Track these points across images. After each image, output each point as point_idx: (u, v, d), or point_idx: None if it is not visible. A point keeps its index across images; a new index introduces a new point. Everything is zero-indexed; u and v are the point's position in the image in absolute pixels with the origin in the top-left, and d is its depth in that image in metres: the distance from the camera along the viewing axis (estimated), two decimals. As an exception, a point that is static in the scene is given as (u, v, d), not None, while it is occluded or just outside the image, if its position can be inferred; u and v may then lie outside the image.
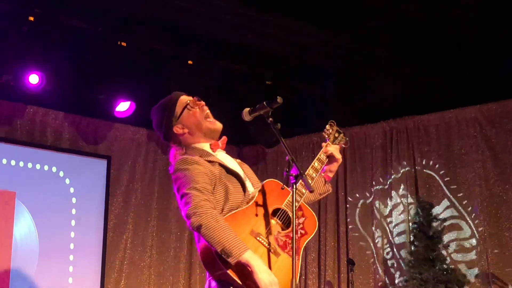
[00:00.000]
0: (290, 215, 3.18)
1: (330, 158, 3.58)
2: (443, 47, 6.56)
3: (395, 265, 7.34)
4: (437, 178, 7.20)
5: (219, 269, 2.99)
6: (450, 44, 6.49)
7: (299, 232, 3.29)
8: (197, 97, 3.44)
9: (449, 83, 6.99)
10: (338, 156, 3.59)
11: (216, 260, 2.97)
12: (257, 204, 3.21)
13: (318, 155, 3.54)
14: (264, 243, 3.12)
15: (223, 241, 2.93)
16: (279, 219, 3.23)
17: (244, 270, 2.95)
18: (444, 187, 7.16)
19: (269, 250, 3.11)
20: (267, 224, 3.18)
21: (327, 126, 3.73)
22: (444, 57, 6.69)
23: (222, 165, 3.28)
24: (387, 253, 7.44)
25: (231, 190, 3.22)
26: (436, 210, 7.07)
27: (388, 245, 7.46)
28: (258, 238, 3.11)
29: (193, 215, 3.00)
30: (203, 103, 3.43)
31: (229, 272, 2.95)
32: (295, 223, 3.12)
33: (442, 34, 6.43)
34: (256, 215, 3.18)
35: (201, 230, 2.97)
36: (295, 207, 3.13)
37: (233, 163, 3.42)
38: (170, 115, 3.38)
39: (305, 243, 3.34)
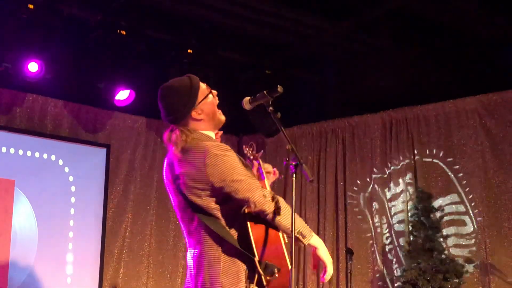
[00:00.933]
0: None
1: (268, 172, 3.79)
2: (443, 37, 6.56)
3: (394, 255, 7.35)
4: (446, 169, 7.20)
5: (277, 251, 3.13)
6: (450, 34, 6.50)
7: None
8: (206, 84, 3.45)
9: (448, 73, 6.98)
10: (277, 171, 3.90)
11: (276, 244, 3.15)
12: None
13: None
14: (281, 238, 3.22)
15: (298, 224, 3.11)
16: None
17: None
18: (454, 178, 7.16)
19: (285, 244, 3.22)
20: None
21: (247, 148, 3.88)
22: (444, 47, 6.69)
23: (239, 157, 3.29)
24: (386, 243, 7.46)
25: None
26: (438, 200, 7.08)
27: (387, 235, 7.47)
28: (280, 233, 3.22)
29: (269, 200, 3.11)
30: (216, 92, 3.44)
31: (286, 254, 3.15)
32: None
33: (442, 24, 6.43)
34: None
35: (277, 216, 3.10)
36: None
37: None
38: (193, 99, 3.31)
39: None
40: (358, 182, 7.80)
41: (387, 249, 7.44)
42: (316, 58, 7.51)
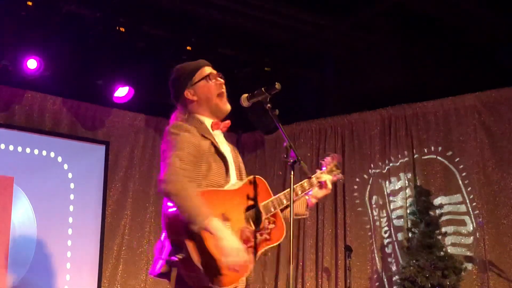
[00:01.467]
0: (263, 218, 3.26)
1: (321, 185, 3.62)
2: (442, 34, 6.55)
3: (392, 251, 7.36)
4: (445, 166, 7.20)
5: (179, 235, 3.02)
6: (449, 31, 6.49)
7: (264, 235, 3.28)
8: (221, 74, 3.50)
9: (447, 70, 6.98)
10: (330, 186, 3.65)
11: (179, 227, 3.02)
12: (238, 193, 3.25)
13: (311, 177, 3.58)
14: (229, 229, 3.12)
15: (190, 208, 2.98)
16: (252, 217, 3.26)
17: (201, 246, 3.00)
18: (452, 175, 7.16)
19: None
20: (240, 215, 3.21)
21: (328, 158, 3.79)
22: (443, 44, 6.69)
23: (213, 144, 3.30)
24: (385, 240, 7.46)
25: (214, 169, 3.25)
26: (437, 197, 7.08)
27: (386, 231, 7.48)
28: (225, 223, 3.12)
29: (165, 182, 3.07)
30: (222, 81, 3.48)
31: (186, 242, 2.99)
32: (265, 225, 3.25)
33: (441, 21, 6.43)
34: (233, 202, 3.21)
35: (171, 197, 3.05)
36: (271, 212, 3.29)
37: (225, 148, 3.43)
38: (188, 78, 3.42)
39: (265, 248, 3.28)
40: (357, 179, 7.80)
41: (386, 246, 7.44)
42: (315, 56, 7.50)
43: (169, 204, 3.13)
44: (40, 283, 6.87)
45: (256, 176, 3.39)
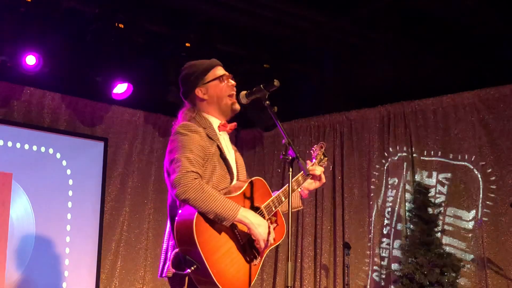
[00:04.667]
0: (265, 218, 3.25)
1: (313, 177, 3.66)
2: (442, 32, 6.55)
3: (391, 248, 7.36)
4: (444, 163, 7.20)
5: (189, 245, 2.99)
6: (449, 28, 6.48)
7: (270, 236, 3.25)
8: (232, 75, 3.52)
9: (446, 67, 6.98)
10: (323, 178, 3.70)
11: (188, 236, 2.99)
12: (244, 197, 3.25)
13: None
14: (239, 237, 3.15)
15: (214, 208, 3.00)
16: None
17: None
18: (451, 172, 7.15)
19: (240, 245, 3.15)
20: None
21: (315, 146, 3.83)
22: (442, 41, 6.68)
23: (219, 147, 3.29)
24: (384, 237, 7.46)
25: (218, 172, 3.25)
26: (435, 194, 7.09)
27: (384, 228, 7.48)
28: (235, 230, 3.14)
29: (178, 186, 3.03)
30: (234, 83, 3.50)
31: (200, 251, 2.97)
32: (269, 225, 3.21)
33: (440, 19, 6.42)
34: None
35: (189, 202, 3.02)
36: (272, 212, 3.30)
37: (229, 150, 3.43)
38: (200, 76, 3.43)
39: (268, 250, 3.27)
40: (356, 176, 7.80)
41: (384, 243, 7.44)
42: (314, 52, 7.50)
43: (179, 211, 3.11)
44: (39, 279, 6.87)
45: (256, 177, 3.39)
